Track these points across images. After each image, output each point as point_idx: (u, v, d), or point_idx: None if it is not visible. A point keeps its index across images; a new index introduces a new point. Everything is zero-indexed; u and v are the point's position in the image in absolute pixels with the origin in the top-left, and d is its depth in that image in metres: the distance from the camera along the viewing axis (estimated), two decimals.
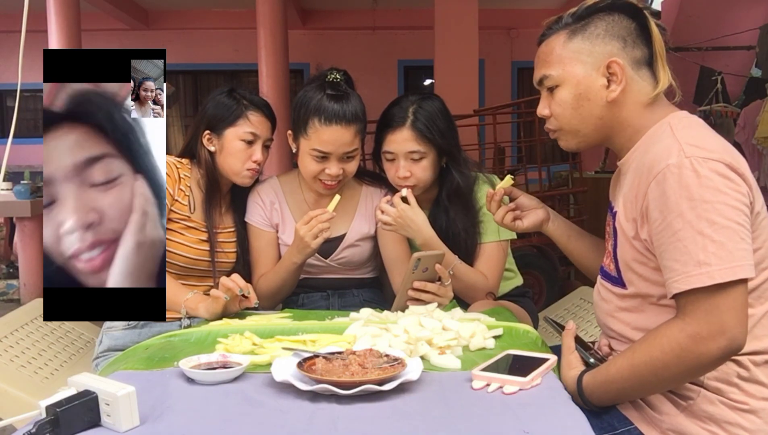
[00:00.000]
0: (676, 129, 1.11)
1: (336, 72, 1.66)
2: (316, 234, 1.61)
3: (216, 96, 1.76)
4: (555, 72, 1.20)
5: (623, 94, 1.16)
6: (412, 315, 1.43)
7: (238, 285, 1.47)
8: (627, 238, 1.15)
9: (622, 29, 1.16)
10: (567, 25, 1.20)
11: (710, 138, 1.10)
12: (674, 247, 1.04)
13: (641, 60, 1.17)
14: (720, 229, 1.01)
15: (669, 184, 1.04)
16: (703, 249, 1.01)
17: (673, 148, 1.06)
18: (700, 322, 1.01)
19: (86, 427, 0.91)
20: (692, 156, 1.04)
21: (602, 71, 1.16)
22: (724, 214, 1.01)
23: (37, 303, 2.18)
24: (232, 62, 9.20)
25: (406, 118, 1.72)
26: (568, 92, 1.19)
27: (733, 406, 1.10)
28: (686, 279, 1.02)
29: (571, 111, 1.20)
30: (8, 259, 5.17)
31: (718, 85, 6.23)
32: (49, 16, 5.99)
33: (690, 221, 1.02)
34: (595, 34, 1.17)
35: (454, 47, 5.53)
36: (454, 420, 0.94)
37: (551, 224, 1.46)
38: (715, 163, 1.04)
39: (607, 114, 1.18)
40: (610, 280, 1.23)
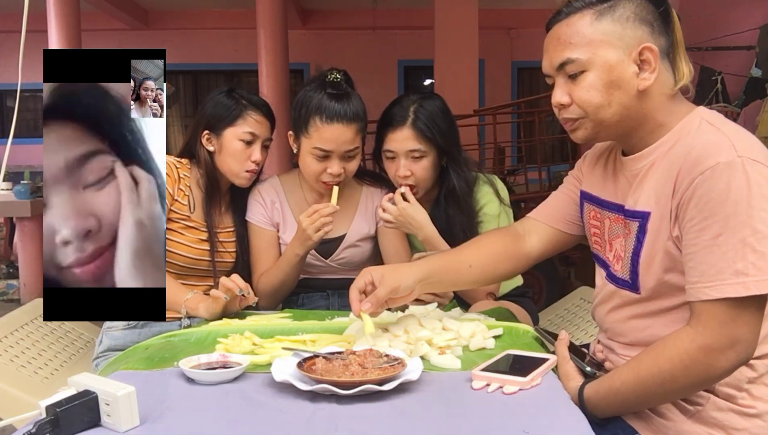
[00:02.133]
0: (719, 125, 1.04)
1: (336, 72, 1.67)
2: (318, 227, 1.61)
3: (215, 96, 1.76)
4: (583, 55, 1.07)
5: (652, 84, 1.08)
6: (412, 315, 1.43)
7: (238, 285, 1.48)
8: (658, 239, 1.08)
9: (649, 14, 1.07)
10: (591, 4, 1.08)
11: (756, 140, 1.04)
12: (710, 251, 0.98)
13: (664, 49, 1.09)
14: (763, 238, 0.96)
15: (716, 184, 0.97)
16: (743, 258, 0.96)
17: (723, 144, 1.00)
18: (714, 334, 0.98)
19: (86, 427, 0.91)
20: (745, 157, 0.97)
21: (634, 57, 1.06)
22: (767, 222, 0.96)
23: (37, 303, 2.18)
24: (232, 62, 9.21)
25: (407, 117, 1.72)
26: (598, 78, 1.08)
27: (741, 411, 1.08)
28: (720, 287, 0.97)
29: (599, 99, 1.08)
30: (8, 259, 5.17)
31: (718, 85, 6.23)
32: (49, 16, 5.99)
33: (734, 227, 0.96)
34: (625, 16, 1.06)
35: (454, 47, 5.53)
36: (454, 420, 0.94)
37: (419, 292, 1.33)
38: (764, 168, 0.98)
39: (635, 104, 1.09)
40: (620, 284, 1.17)
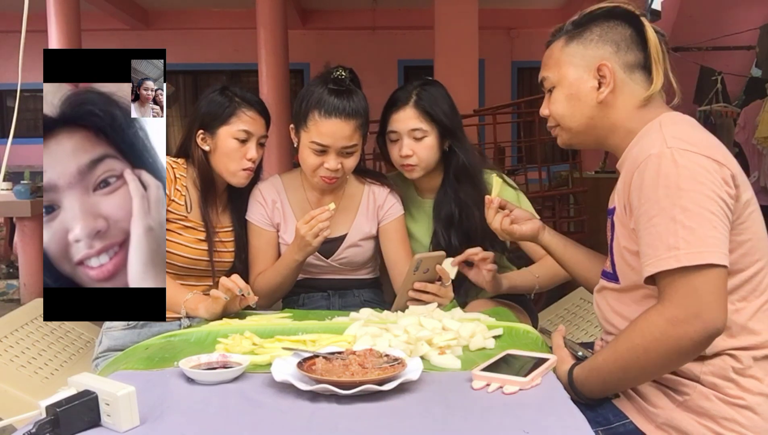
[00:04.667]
0: (665, 125, 1.16)
1: (342, 69, 1.68)
2: (316, 233, 1.61)
3: (208, 95, 1.76)
4: (551, 74, 1.28)
5: (613, 95, 1.22)
6: (412, 315, 1.43)
7: (238, 285, 1.47)
8: (621, 231, 1.19)
9: (617, 35, 1.22)
10: (567, 31, 1.28)
11: (697, 134, 1.14)
12: (648, 232, 1.08)
13: (635, 64, 1.22)
14: (693, 215, 1.04)
15: (648, 173, 1.09)
16: (674, 234, 1.04)
17: (657, 140, 1.11)
18: (678, 306, 1.04)
19: (86, 427, 0.91)
20: (674, 147, 1.08)
21: (593, 73, 1.23)
22: (698, 202, 1.05)
23: (37, 303, 2.18)
24: (232, 62, 9.20)
25: (409, 99, 1.78)
26: (562, 93, 1.27)
27: (729, 401, 1.11)
28: (656, 262, 1.06)
29: (563, 110, 1.27)
30: (8, 259, 5.17)
31: (718, 85, 6.23)
32: (49, 16, 5.98)
33: (664, 207, 1.06)
34: (589, 39, 1.24)
35: (454, 47, 5.53)
36: (454, 420, 0.94)
37: (546, 235, 1.49)
38: (695, 155, 1.07)
39: (598, 114, 1.24)
40: (607, 278, 1.26)
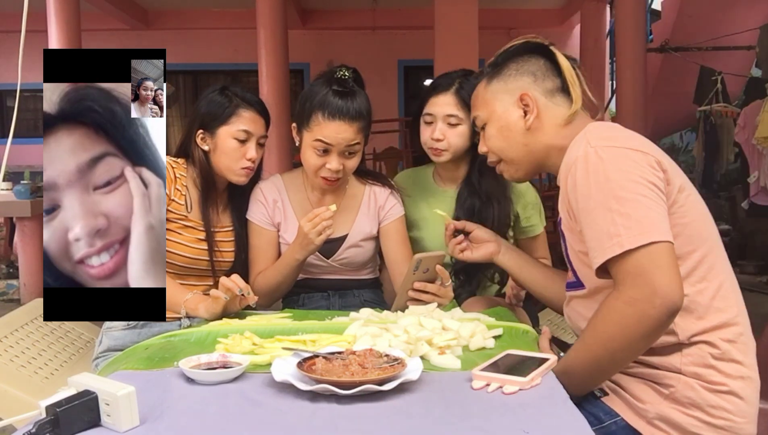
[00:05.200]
0: (588, 132, 1.23)
1: (345, 69, 1.68)
2: (320, 231, 1.61)
3: (208, 94, 1.76)
4: (481, 113, 1.38)
5: (539, 120, 1.31)
6: (412, 315, 1.43)
7: (238, 285, 1.47)
8: (571, 237, 1.25)
9: (532, 66, 1.34)
10: (487, 73, 1.39)
11: (618, 132, 1.23)
12: (590, 227, 1.14)
13: (554, 89, 1.33)
14: (626, 201, 1.10)
15: (579, 173, 1.16)
16: (613, 222, 1.10)
17: (582, 144, 1.19)
18: (632, 287, 1.07)
19: (86, 427, 0.91)
20: (597, 145, 1.16)
21: (517, 104, 1.33)
22: (628, 188, 1.11)
23: (37, 303, 2.18)
24: (232, 62, 9.20)
25: (451, 85, 1.81)
26: (494, 127, 1.36)
27: (712, 389, 1.14)
28: (602, 252, 1.11)
29: (499, 143, 1.36)
30: (8, 259, 5.17)
31: (718, 85, 6.23)
32: (49, 16, 5.98)
33: (599, 200, 1.12)
34: (508, 74, 1.35)
35: (454, 47, 5.53)
36: (454, 420, 0.94)
37: (501, 256, 1.56)
38: (618, 148, 1.16)
39: (531, 140, 1.33)
40: (573, 287, 1.30)
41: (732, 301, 1.19)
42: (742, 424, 1.16)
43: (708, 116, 6.16)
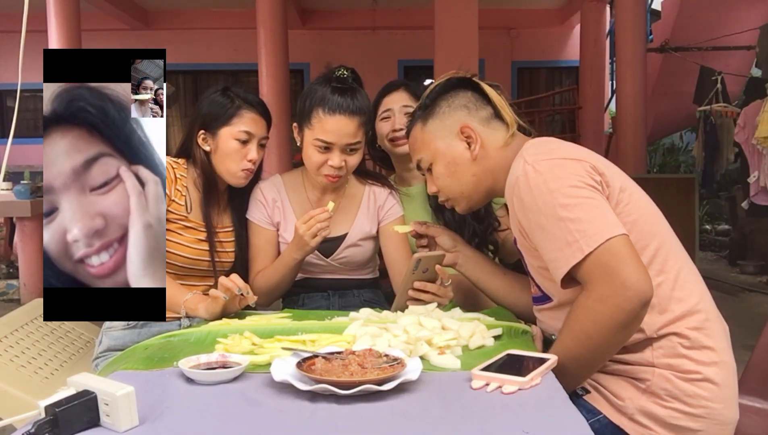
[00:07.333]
0: (524, 150, 1.27)
1: (344, 69, 1.70)
2: (314, 233, 1.61)
3: (210, 95, 1.75)
4: (424, 155, 1.40)
5: (484, 148, 1.35)
6: (412, 315, 1.43)
7: (237, 285, 1.47)
8: (529, 253, 1.27)
9: (462, 99, 1.37)
10: (420, 116, 1.41)
11: (553, 145, 1.27)
12: (545, 240, 1.16)
13: (488, 116, 1.37)
14: (572, 207, 1.13)
15: (522, 190, 1.19)
16: (567, 230, 1.12)
17: (520, 163, 1.23)
18: (602, 284, 1.09)
19: (85, 427, 0.91)
20: (533, 161, 1.20)
21: (459, 137, 1.36)
22: (570, 194, 1.14)
23: (37, 303, 2.18)
24: (232, 62, 9.21)
25: (400, 84, 1.99)
26: (441, 165, 1.38)
27: (687, 378, 1.16)
28: (565, 262, 1.12)
29: (449, 180, 1.38)
30: (8, 259, 5.18)
31: (718, 85, 6.23)
32: (49, 16, 6.00)
33: (547, 213, 1.15)
34: (441, 112, 1.38)
35: (454, 47, 5.54)
36: (454, 420, 0.94)
37: (460, 267, 1.58)
38: (552, 160, 1.19)
39: (479, 169, 1.36)
40: (540, 302, 1.32)
41: (692, 288, 1.21)
42: (721, 409, 1.17)
43: (708, 116, 6.16)
